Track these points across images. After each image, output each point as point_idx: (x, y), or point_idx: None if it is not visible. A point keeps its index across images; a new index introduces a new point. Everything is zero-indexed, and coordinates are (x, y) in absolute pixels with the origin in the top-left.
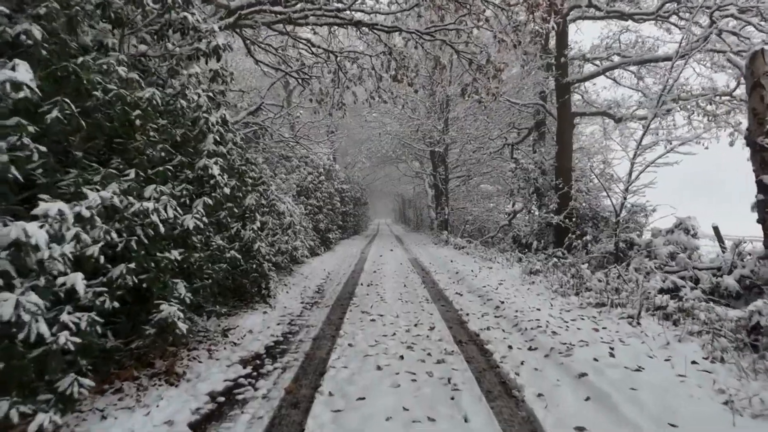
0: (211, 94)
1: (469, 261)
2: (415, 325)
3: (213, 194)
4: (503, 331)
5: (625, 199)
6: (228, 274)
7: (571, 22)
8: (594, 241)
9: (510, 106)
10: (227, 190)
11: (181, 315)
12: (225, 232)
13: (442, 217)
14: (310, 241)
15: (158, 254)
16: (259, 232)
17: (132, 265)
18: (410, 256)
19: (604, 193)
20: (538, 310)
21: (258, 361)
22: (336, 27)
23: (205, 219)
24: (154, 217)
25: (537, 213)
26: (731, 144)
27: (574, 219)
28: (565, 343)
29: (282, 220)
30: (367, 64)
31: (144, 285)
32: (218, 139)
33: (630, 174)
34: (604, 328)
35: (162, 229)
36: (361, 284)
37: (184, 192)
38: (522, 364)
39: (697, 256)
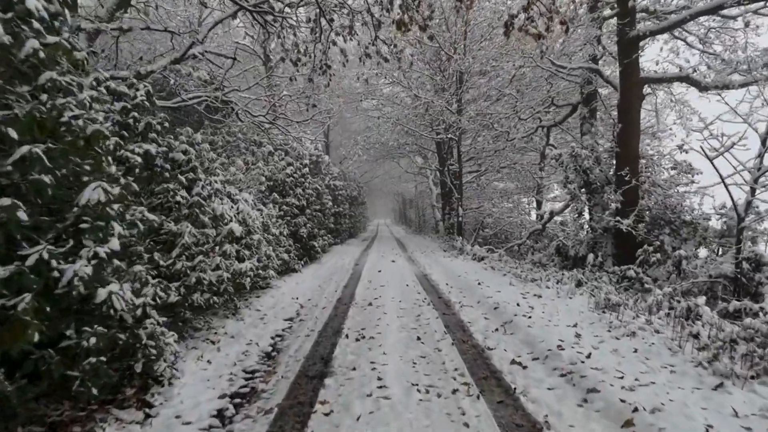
0: None
1: (503, 282)
2: None
3: None
4: None
5: (753, 193)
6: None
7: None
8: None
9: (549, 75)
10: None
11: None
12: None
13: (452, 220)
14: (284, 253)
15: None
16: (110, 261)
17: None
18: (418, 270)
19: (680, 188)
20: None
21: None
22: None
23: None
24: None
25: (587, 215)
26: None
27: (644, 223)
28: None
29: (219, 229)
30: (359, 5)
31: None
32: None
33: (761, 157)
34: None
35: None
36: (347, 336)
37: None
38: None
39: None
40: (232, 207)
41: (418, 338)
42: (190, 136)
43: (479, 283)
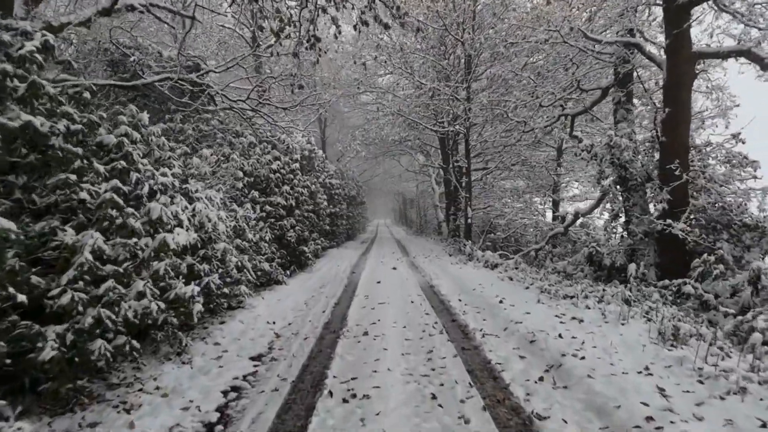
0: None
1: (529, 299)
2: None
3: None
4: None
5: None
6: None
7: None
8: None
9: (577, 53)
10: None
11: None
12: None
13: (459, 221)
14: (265, 263)
15: None
16: None
17: None
18: (423, 280)
19: (739, 184)
20: None
21: None
22: None
23: None
24: None
25: (620, 216)
26: None
27: (696, 226)
28: None
29: (158, 242)
30: None
31: None
32: None
33: None
34: None
35: None
36: (330, 393)
37: None
38: None
39: None
40: (186, 208)
41: (433, 397)
42: (135, 115)
43: (501, 301)
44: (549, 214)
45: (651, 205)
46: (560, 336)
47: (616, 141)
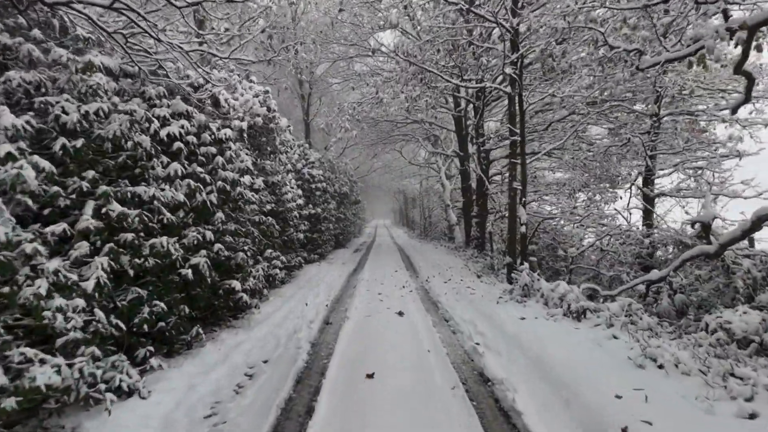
0: None
1: None
2: None
3: None
4: None
5: None
6: None
7: None
8: None
9: None
10: None
11: None
12: None
13: (491, 227)
14: (63, 367)
15: None
16: None
17: None
18: (461, 353)
19: None
20: None
21: None
22: None
23: None
24: None
25: None
26: None
27: None
28: None
29: None
30: None
31: None
32: None
33: None
34: None
35: None
36: None
37: None
38: None
39: None
40: None
41: None
42: None
43: None
44: (632, 219)
45: None
46: None
47: None
